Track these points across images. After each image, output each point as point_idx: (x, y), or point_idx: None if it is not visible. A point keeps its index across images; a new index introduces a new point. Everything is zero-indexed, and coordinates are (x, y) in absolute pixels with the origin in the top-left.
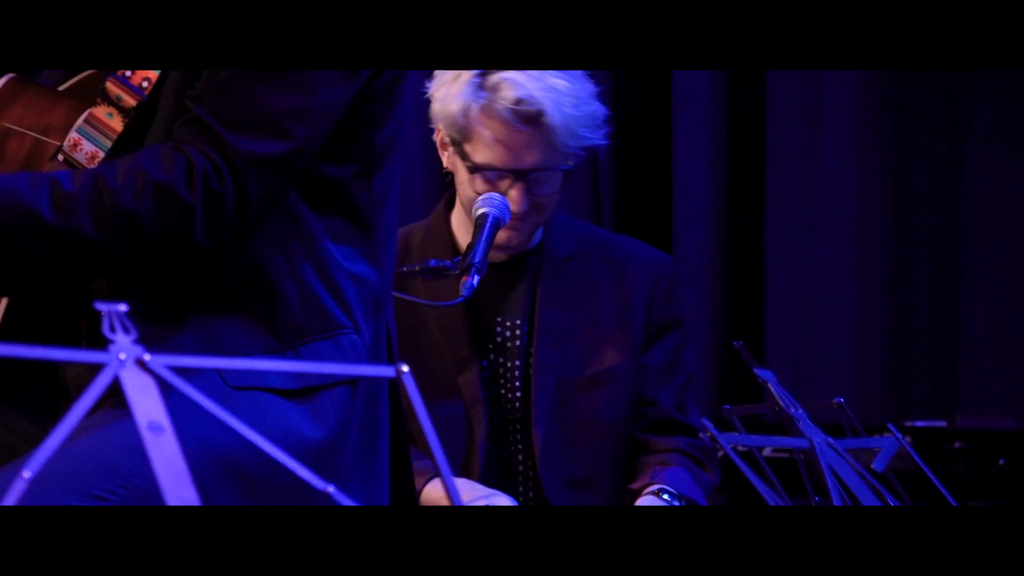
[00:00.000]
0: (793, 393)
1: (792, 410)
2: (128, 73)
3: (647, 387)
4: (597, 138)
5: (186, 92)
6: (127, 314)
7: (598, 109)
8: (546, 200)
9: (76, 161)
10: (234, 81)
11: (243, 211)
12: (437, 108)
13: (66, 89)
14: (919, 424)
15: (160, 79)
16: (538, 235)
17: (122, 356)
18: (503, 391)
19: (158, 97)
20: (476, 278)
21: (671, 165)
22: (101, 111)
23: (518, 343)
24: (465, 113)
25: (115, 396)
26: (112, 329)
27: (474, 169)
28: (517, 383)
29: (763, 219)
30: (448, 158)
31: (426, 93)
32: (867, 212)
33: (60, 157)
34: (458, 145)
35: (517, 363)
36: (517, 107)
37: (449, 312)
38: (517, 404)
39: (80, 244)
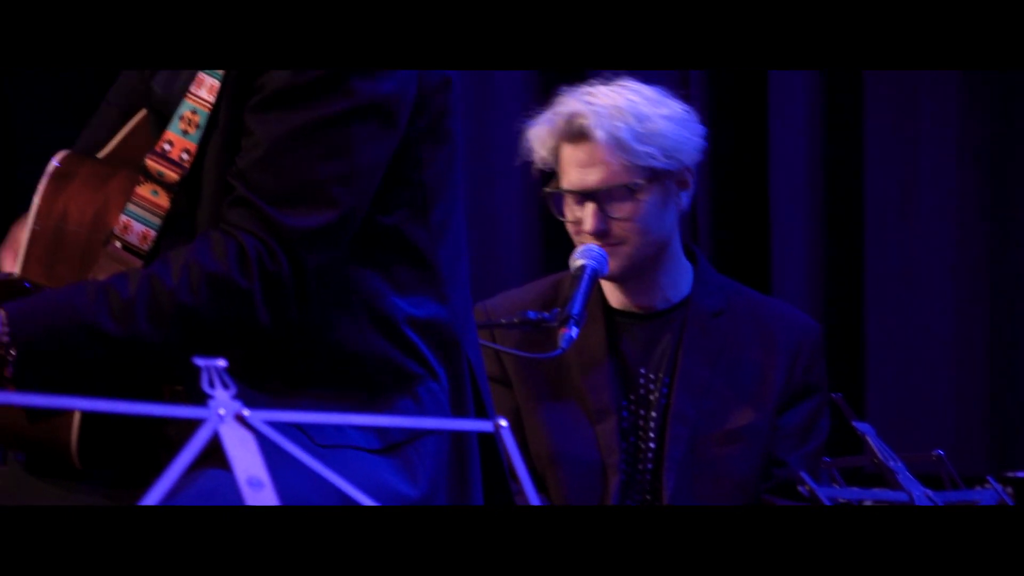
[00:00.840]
0: (892, 445)
1: (891, 463)
2: (166, 147)
3: (779, 448)
4: (664, 159)
5: (228, 168)
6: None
7: (667, 129)
8: (626, 223)
9: (130, 243)
10: (274, 154)
11: (301, 285)
12: (527, 144)
13: (110, 156)
14: (1021, 475)
15: (199, 151)
16: (686, 289)
17: (221, 411)
18: (640, 443)
19: (201, 171)
20: (575, 330)
21: (768, 200)
22: (146, 189)
23: (658, 395)
24: (538, 139)
25: (213, 455)
26: (211, 384)
27: (550, 194)
28: (652, 434)
29: (862, 266)
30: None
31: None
32: (965, 258)
33: (117, 243)
34: (549, 179)
35: (654, 415)
36: (569, 123)
37: (593, 361)
38: (651, 455)
39: (145, 349)
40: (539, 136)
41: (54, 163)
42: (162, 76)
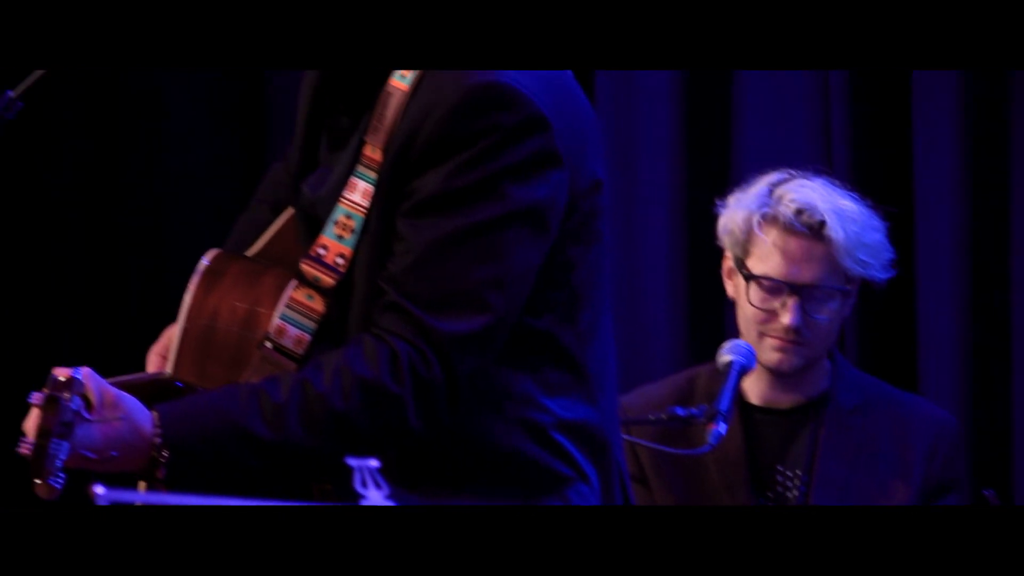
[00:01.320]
0: None
1: None
2: (321, 251)
3: None
4: (877, 270)
5: (379, 272)
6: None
7: (881, 242)
8: (820, 324)
9: (284, 347)
10: (426, 259)
11: (454, 390)
12: (724, 220)
13: (260, 254)
14: None
15: (353, 256)
16: (823, 384)
17: None
18: None
19: (352, 274)
20: (723, 426)
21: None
22: (301, 294)
23: (796, 493)
24: (748, 221)
25: None
26: (364, 484)
27: (750, 277)
28: None
29: (1009, 355)
30: (732, 287)
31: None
32: None
33: (268, 344)
34: (739, 262)
35: None
36: (799, 215)
37: (730, 458)
38: None
39: (296, 453)
40: (747, 216)
41: (204, 262)
42: (312, 178)
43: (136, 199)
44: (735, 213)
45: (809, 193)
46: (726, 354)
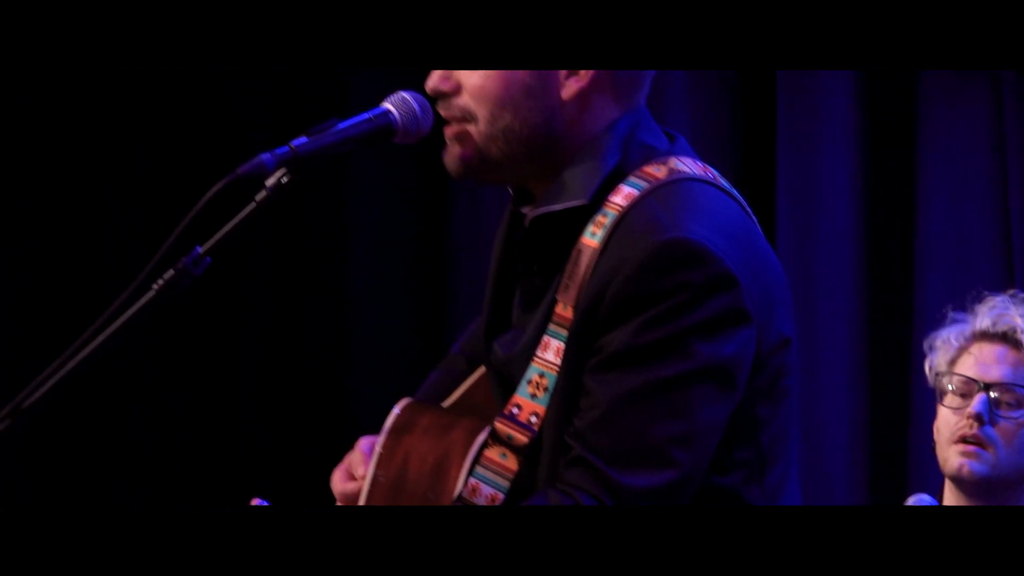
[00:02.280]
0: None
1: None
2: (515, 410)
3: None
4: None
5: (565, 427)
6: None
7: None
8: (1008, 429)
9: (477, 506)
10: (612, 415)
11: None
12: (932, 354)
13: (453, 406)
14: None
15: (546, 414)
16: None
17: None
18: None
19: (541, 432)
20: None
21: None
22: (494, 452)
23: None
24: (949, 340)
25: None
26: None
27: (943, 375)
28: None
29: None
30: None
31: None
32: None
33: (460, 503)
34: (942, 378)
35: None
36: (995, 324)
37: None
38: None
39: None
40: (947, 337)
41: (396, 411)
42: (505, 338)
43: (321, 350)
44: (940, 339)
45: (1005, 305)
46: (910, 503)
